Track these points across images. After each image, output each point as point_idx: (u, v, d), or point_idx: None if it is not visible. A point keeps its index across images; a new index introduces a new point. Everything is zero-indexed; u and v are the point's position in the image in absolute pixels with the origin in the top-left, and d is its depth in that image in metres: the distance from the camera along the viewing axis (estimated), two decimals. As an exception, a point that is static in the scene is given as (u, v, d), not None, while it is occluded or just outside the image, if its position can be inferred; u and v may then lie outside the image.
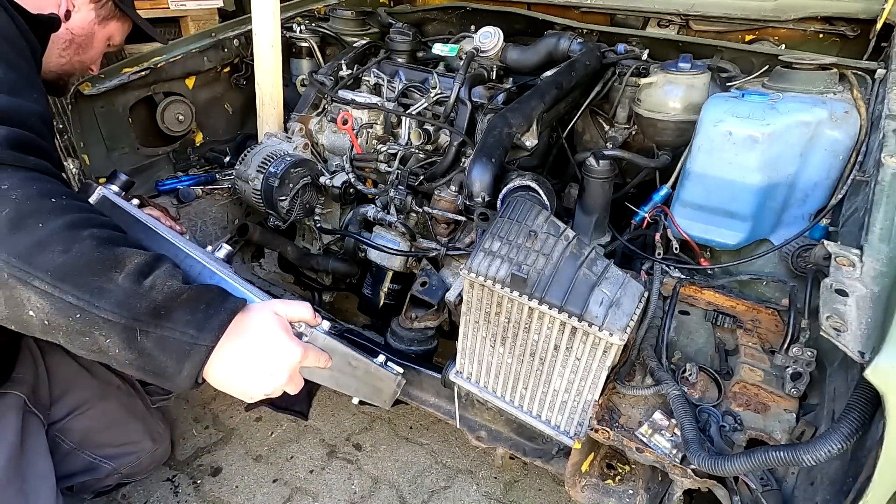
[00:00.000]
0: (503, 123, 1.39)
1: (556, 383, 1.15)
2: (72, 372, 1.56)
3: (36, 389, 1.44)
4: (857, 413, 0.79)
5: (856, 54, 1.61)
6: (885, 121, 1.16)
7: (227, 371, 0.81)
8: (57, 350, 1.59)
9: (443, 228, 1.53)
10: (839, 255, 0.91)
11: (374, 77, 1.82)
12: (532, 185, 1.34)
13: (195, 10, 3.52)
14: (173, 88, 1.87)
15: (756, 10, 1.78)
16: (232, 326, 0.80)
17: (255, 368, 0.83)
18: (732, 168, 1.26)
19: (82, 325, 0.74)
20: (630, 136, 1.64)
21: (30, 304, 0.73)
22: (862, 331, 0.80)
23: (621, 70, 1.64)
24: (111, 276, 0.75)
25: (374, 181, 1.73)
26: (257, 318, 0.84)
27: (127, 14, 1.47)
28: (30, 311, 0.74)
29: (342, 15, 2.08)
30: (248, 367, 0.82)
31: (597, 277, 1.05)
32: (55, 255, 0.74)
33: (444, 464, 1.92)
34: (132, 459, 1.63)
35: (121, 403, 1.62)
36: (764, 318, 1.23)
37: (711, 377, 1.15)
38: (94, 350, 0.76)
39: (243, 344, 0.82)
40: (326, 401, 2.14)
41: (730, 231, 1.32)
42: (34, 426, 1.40)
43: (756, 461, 0.87)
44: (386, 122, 1.72)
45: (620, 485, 1.23)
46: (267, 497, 1.80)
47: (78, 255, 0.75)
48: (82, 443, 1.53)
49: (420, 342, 1.47)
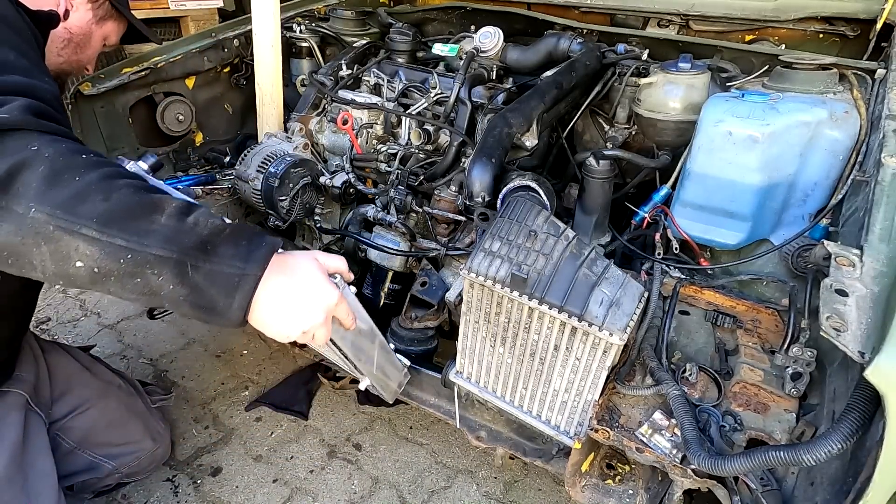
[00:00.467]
0: (503, 123, 1.39)
1: (556, 383, 1.15)
2: (72, 371, 1.56)
3: (37, 388, 1.44)
4: (857, 413, 0.79)
5: (856, 54, 1.61)
6: (885, 121, 1.16)
7: (270, 305, 0.83)
8: (57, 349, 1.59)
9: (443, 228, 1.53)
10: (839, 255, 0.91)
11: (374, 77, 1.82)
12: (532, 185, 1.34)
13: (195, 10, 3.52)
14: (173, 88, 1.87)
15: (756, 10, 1.78)
16: (274, 261, 0.82)
17: (297, 304, 0.84)
18: (732, 168, 1.26)
19: (133, 267, 0.75)
20: (630, 136, 1.64)
21: (78, 254, 0.74)
22: (862, 331, 0.80)
23: (621, 70, 1.64)
24: (154, 217, 0.77)
25: (374, 181, 1.73)
26: (298, 258, 0.88)
27: (122, 14, 1.48)
28: (77, 262, 0.74)
29: (342, 15, 2.08)
30: (289, 303, 0.84)
31: (597, 277, 1.05)
32: (96, 203, 0.75)
33: (444, 464, 1.92)
34: (132, 459, 1.63)
35: (121, 403, 1.62)
36: (764, 318, 1.23)
37: (711, 377, 1.15)
38: (147, 292, 0.77)
39: (285, 279, 0.84)
40: (326, 401, 2.14)
41: (730, 231, 1.32)
42: (36, 425, 1.40)
43: (756, 461, 0.87)
44: (386, 122, 1.72)
45: (620, 485, 1.23)
46: (267, 497, 1.80)
47: (119, 202, 0.76)
48: (83, 442, 1.54)
49: (420, 342, 1.47)
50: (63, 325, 2.48)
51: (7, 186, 0.73)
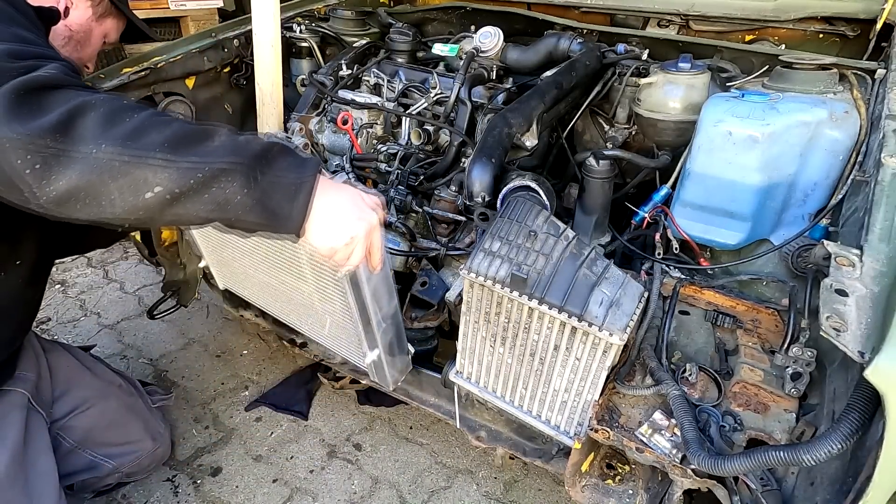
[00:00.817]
0: (503, 123, 1.39)
1: (556, 383, 1.15)
2: (73, 370, 1.57)
3: (39, 387, 1.45)
4: (857, 413, 0.79)
5: (856, 54, 1.61)
6: (885, 121, 1.16)
7: (322, 212, 0.89)
8: (59, 349, 1.59)
9: (443, 228, 1.53)
10: (839, 255, 0.91)
11: (374, 77, 1.82)
12: (532, 185, 1.34)
13: (195, 10, 3.52)
14: (173, 88, 1.87)
15: (756, 10, 1.78)
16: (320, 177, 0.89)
17: (344, 212, 0.92)
18: (732, 168, 1.26)
19: (205, 182, 0.80)
20: (630, 136, 1.64)
21: (152, 181, 0.78)
22: (862, 331, 0.80)
23: (621, 70, 1.64)
24: (211, 138, 0.83)
25: (374, 181, 1.73)
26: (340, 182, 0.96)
27: (122, 11, 1.48)
28: (153, 190, 0.78)
29: (342, 15, 2.08)
30: (338, 211, 0.91)
31: (597, 277, 1.05)
32: (157, 134, 0.80)
33: (444, 464, 1.92)
34: (133, 458, 1.64)
35: (121, 402, 1.62)
36: (764, 318, 1.23)
37: (711, 377, 1.15)
38: (219, 203, 0.82)
39: (334, 192, 0.92)
40: (326, 401, 2.14)
41: (730, 231, 1.32)
42: (37, 424, 1.41)
43: (756, 461, 0.87)
44: (386, 122, 1.72)
45: (620, 485, 1.23)
46: (267, 497, 1.81)
47: (176, 130, 0.82)
48: (83, 441, 1.54)
49: (420, 342, 1.47)
50: (63, 325, 2.48)
51: (69, 132, 0.77)
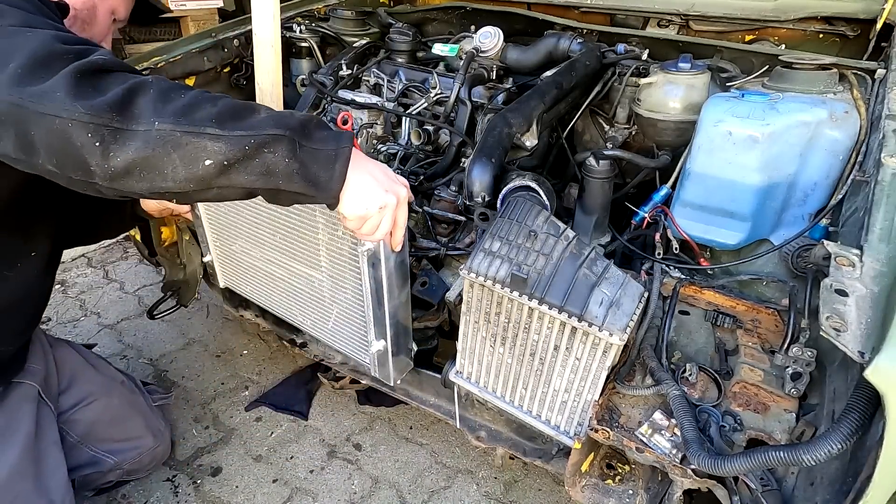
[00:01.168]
0: (503, 123, 1.39)
1: (556, 383, 1.15)
2: (77, 365, 1.58)
3: (47, 380, 1.46)
4: (857, 413, 0.79)
5: (856, 54, 1.61)
6: (885, 121, 1.16)
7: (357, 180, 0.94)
8: (63, 344, 1.61)
9: (443, 228, 1.53)
10: (839, 255, 0.91)
11: (374, 77, 1.82)
12: (532, 185, 1.34)
13: (195, 10, 3.53)
14: (173, 88, 1.87)
15: (756, 10, 1.78)
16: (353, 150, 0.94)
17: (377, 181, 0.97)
18: (732, 168, 1.26)
19: (255, 150, 0.85)
20: (630, 136, 1.64)
21: (206, 153, 0.83)
22: (862, 331, 0.80)
23: (621, 70, 1.64)
24: (256, 112, 0.90)
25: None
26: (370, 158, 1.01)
27: None
28: (206, 161, 0.83)
29: (342, 15, 2.08)
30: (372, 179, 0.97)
31: (597, 277, 1.05)
32: (208, 109, 0.86)
33: (444, 464, 1.92)
34: (134, 455, 1.64)
35: (124, 399, 1.64)
36: (764, 318, 1.23)
37: (711, 377, 1.15)
38: (266, 170, 0.87)
39: (366, 162, 0.98)
40: (326, 401, 2.14)
41: (730, 231, 1.32)
42: (47, 417, 1.42)
43: (756, 461, 0.87)
44: (386, 122, 1.72)
45: (620, 485, 1.23)
46: (267, 497, 1.81)
47: (225, 106, 0.87)
48: (86, 436, 1.55)
49: (420, 342, 1.47)
50: (63, 325, 2.48)
51: (126, 110, 0.82)
